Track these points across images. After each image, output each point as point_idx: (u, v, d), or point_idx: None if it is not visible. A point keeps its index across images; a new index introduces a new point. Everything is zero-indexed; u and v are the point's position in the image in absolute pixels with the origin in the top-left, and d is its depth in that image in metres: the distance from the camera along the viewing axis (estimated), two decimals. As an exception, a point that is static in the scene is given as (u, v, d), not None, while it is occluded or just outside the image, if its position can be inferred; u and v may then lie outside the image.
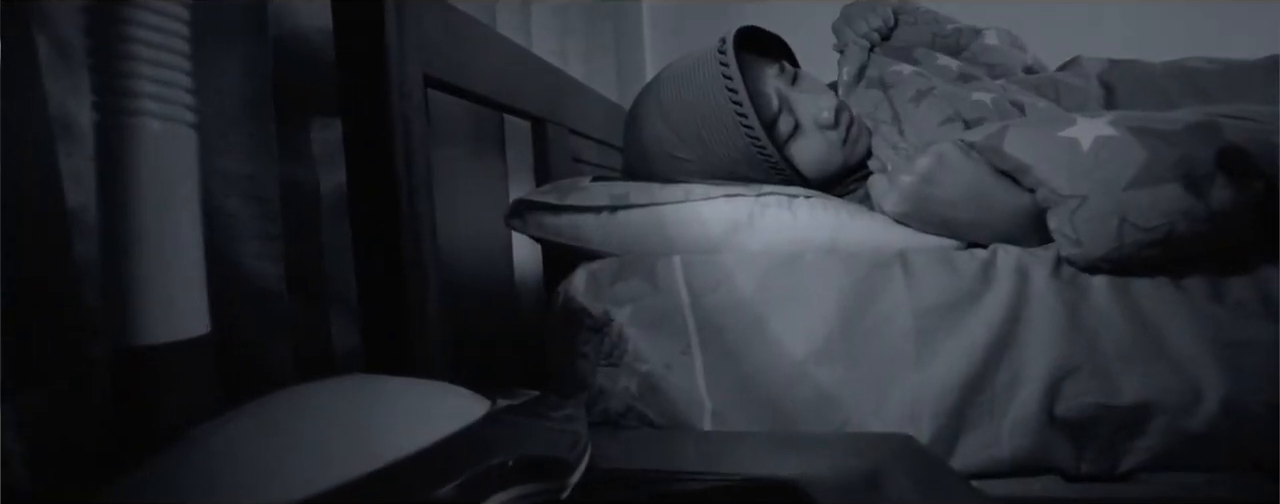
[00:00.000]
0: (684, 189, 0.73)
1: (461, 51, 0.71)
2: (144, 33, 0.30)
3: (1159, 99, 0.79)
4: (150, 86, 0.30)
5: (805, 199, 0.70)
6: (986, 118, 0.76)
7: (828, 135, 0.78)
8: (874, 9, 0.96)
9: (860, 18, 0.95)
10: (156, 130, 0.30)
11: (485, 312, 0.95)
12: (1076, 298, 0.59)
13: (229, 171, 0.52)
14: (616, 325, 0.64)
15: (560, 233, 0.75)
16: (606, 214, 0.73)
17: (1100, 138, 0.57)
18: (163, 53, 0.30)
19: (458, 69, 0.71)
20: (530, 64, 0.91)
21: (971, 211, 0.64)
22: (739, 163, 0.75)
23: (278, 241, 0.54)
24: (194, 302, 0.32)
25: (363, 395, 0.35)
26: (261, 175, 0.54)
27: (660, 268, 0.66)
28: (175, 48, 0.31)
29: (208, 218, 0.47)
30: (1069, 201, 0.57)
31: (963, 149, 0.63)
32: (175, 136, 0.31)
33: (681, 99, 0.75)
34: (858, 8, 0.96)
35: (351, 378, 0.38)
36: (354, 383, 0.37)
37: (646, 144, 0.79)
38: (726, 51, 0.73)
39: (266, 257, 0.54)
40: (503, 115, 1.00)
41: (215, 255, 0.48)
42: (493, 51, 0.80)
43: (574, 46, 1.46)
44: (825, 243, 0.67)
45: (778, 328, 0.61)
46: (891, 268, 0.62)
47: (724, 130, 0.73)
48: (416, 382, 0.37)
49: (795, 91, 0.79)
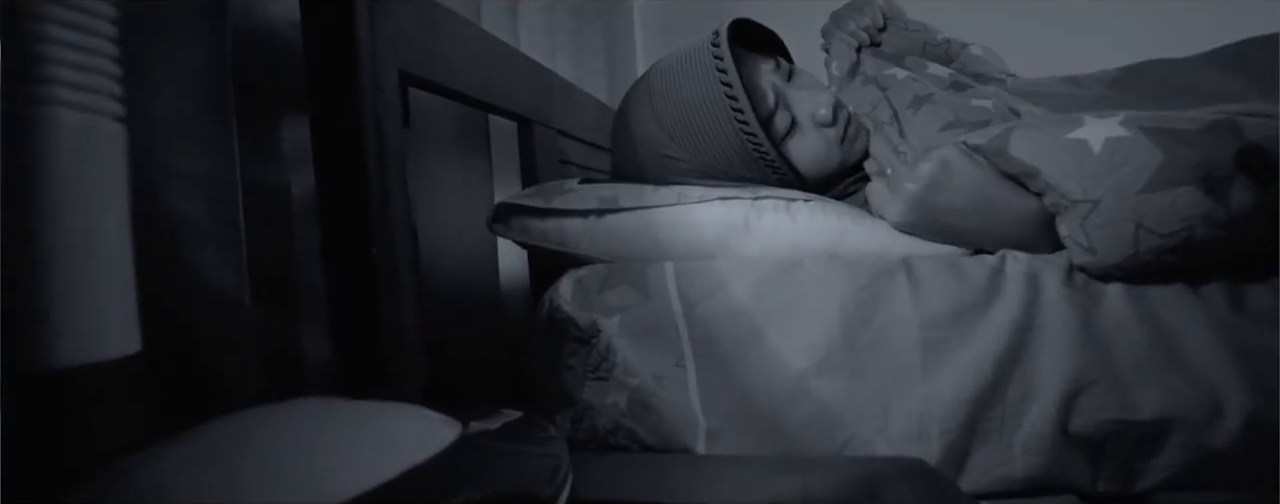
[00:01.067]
0: (676, 191, 0.69)
1: (441, 47, 0.68)
2: (60, 14, 0.26)
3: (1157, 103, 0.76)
4: (66, 73, 0.26)
5: (805, 202, 0.67)
6: (990, 122, 0.73)
7: (825, 133, 0.75)
8: (862, 10, 0.93)
9: (848, 18, 0.93)
10: (74, 123, 0.27)
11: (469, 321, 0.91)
12: (1090, 307, 0.56)
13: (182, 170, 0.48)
14: (604, 336, 0.60)
15: (546, 238, 0.71)
16: (594, 218, 0.69)
17: (1112, 139, 0.54)
18: (82, 36, 0.27)
19: (437, 65, 0.67)
20: (516, 62, 0.88)
21: (978, 218, 0.61)
22: (734, 161, 0.72)
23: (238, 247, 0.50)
24: (121, 317, 0.28)
25: (315, 422, 0.31)
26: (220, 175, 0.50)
27: (651, 275, 0.63)
28: (97, 31, 0.27)
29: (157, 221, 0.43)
30: (1080, 207, 0.54)
31: (966, 153, 0.60)
32: (98, 131, 0.28)
33: (673, 94, 0.72)
34: (846, 9, 0.94)
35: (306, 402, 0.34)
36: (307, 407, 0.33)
37: (636, 142, 0.76)
38: (720, 44, 0.70)
39: (225, 264, 0.50)
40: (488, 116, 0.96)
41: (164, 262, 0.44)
42: (475, 48, 0.76)
43: (563, 46, 1.42)
44: (826, 249, 0.64)
45: (776, 339, 0.58)
46: (896, 275, 0.59)
47: (718, 126, 0.70)
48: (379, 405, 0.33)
49: (792, 88, 0.76)
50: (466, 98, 0.75)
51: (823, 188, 0.77)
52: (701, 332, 0.60)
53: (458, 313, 0.90)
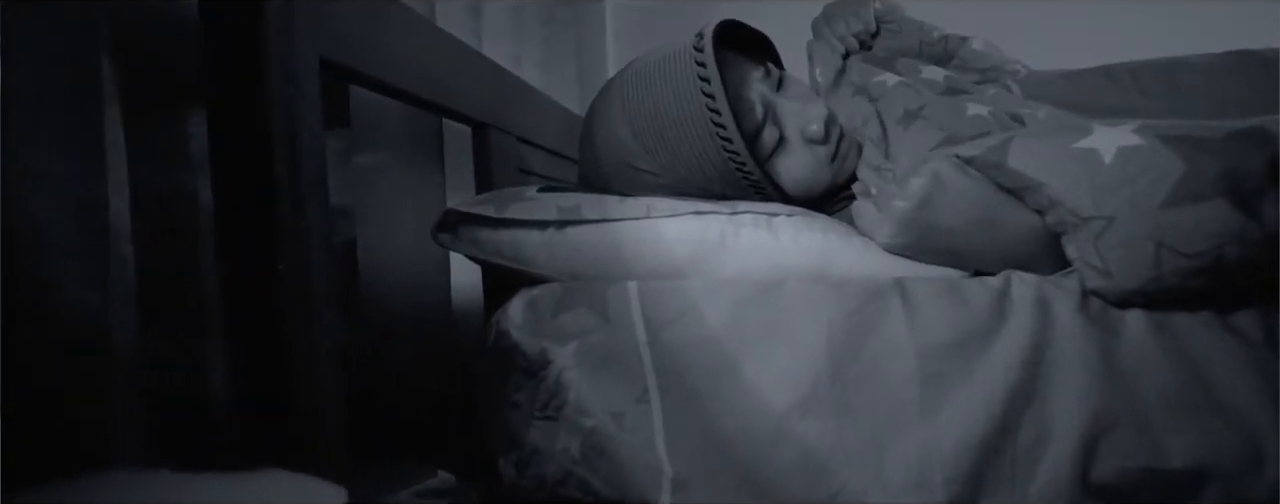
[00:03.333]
0: (646, 203, 0.62)
1: (380, 37, 0.60)
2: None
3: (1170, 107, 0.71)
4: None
5: (788, 217, 0.60)
6: (989, 134, 0.66)
7: (816, 150, 0.68)
8: (856, 12, 0.86)
9: (840, 18, 0.86)
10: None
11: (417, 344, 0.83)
12: (1108, 337, 0.49)
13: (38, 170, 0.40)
14: (555, 369, 0.52)
15: (498, 251, 0.64)
16: (553, 230, 0.62)
17: (1125, 148, 0.48)
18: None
19: (374, 57, 0.59)
20: (470, 61, 0.80)
21: (976, 238, 0.54)
22: (712, 179, 0.65)
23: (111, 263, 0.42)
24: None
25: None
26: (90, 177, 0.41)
27: (612, 296, 0.55)
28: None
29: None
30: (1092, 224, 0.48)
31: (959, 166, 0.54)
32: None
33: (648, 101, 0.64)
34: (841, 6, 0.87)
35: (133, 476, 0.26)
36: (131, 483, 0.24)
37: (603, 151, 0.68)
38: (704, 48, 0.63)
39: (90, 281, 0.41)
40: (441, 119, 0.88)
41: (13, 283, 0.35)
42: (422, 42, 0.69)
43: (531, 53, 1.35)
44: (810, 269, 0.57)
45: (754, 371, 0.50)
46: (888, 298, 0.52)
47: (697, 141, 0.62)
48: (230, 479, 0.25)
49: (781, 98, 0.68)
50: (410, 96, 0.68)
51: (808, 208, 0.70)
52: (668, 361, 0.52)
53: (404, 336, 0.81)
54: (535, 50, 1.34)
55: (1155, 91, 0.74)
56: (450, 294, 0.88)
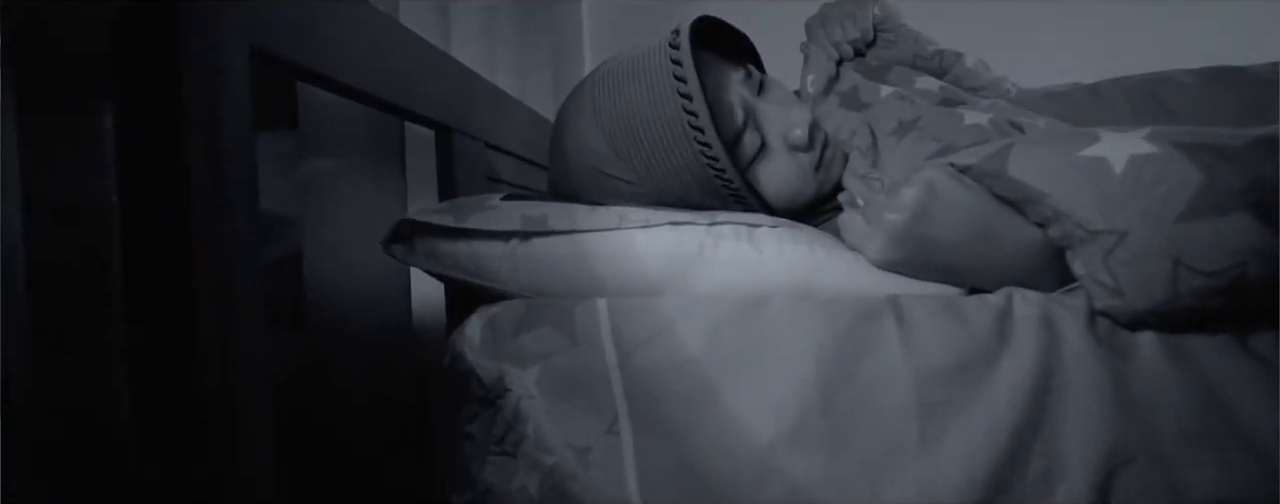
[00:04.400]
0: (618, 213, 0.57)
1: (326, 30, 0.55)
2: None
3: None
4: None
5: (770, 229, 0.56)
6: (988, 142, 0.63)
7: (799, 158, 0.64)
8: (854, 16, 0.82)
9: (837, 22, 0.82)
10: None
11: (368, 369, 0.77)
12: (1119, 362, 0.45)
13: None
14: (513, 397, 0.47)
15: (457, 265, 0.58)
16: (517, 242, 0.56)
17: (1138, 156, 0.44)
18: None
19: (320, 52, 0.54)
20: (433, 60, 0.75)
21: (973, 253, 0.50)
22: (691, 188, 0.60)
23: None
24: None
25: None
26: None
27: (579, 314, 0.50)
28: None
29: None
30: (1102, 239, 0.44)
31: (953, 175, 0.50)
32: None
33: (620, 103, 0.60)
34: (838, 9, 0.83)
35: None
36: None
37: (573, 157, 0.64)
38: (680, 45, 0.58)
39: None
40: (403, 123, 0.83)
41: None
42: (377, 36, 0.63)
43: (505, 57, 1.30)
44: (796, 285, 0.52)
45: (735, 399, 0.46)
46: (882, 319, 0.47)
47: (673, 146, 0.58)
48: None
49: (763, 103, 0.64)
50: (365, 95, 0.62)
51: (791, 219, 0.65)
52: (641, 387, 0.47)
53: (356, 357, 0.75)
54: (509, 54, 1.29)
55: (1144, 108, 0.72)
56: (411, 311, 0.82)
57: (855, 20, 0.82)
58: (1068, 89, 0.80)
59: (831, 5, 0.85)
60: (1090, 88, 0.78)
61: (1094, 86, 0.78)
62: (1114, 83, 0.77)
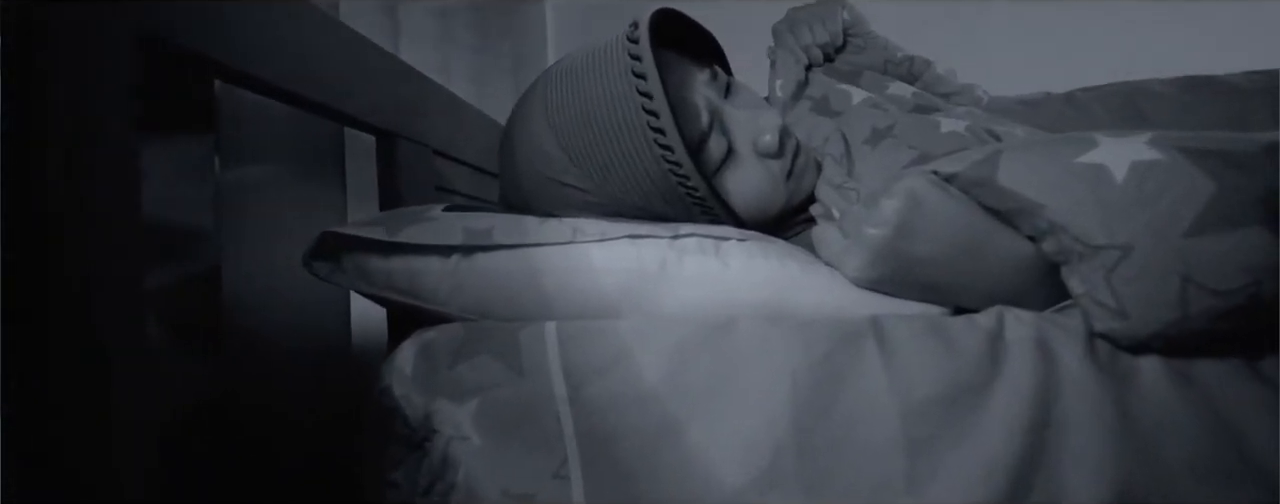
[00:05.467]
0: (571, 225, 0.52)
1: (237, 19, 0.48)
2: None
3: None
4: None
5: (739, 242, 0.51)
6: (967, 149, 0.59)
7: (769, 165, 0.59)
8: (823, 20, 0.78)
9: (806, 26, 0.78)
10: None
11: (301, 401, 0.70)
12: (1122, 389, 0.41)
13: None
14: (442, 439, 0.41)
15: (391, 284, 0.52)
16: (458, 258, 0.51)
17: (1140, 163, 0.40)
18: None
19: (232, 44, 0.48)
20: (374, 59, 0.69)
21: (960, 270, 0.46)
22: (652, 196, 0.55)
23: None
24: None
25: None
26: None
27: (525, 340, 0.44)
28: None
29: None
30: (1104, 255, 0.40)
31: (937, 184, 0.45)
32: None
33: (574, 104, 0.54)
34: (806, 13, 0.79)
35: None
36: None
37: (524, 164, 0.58)
38: (639, 39, 0.53)
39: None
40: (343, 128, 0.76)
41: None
42: (304, 31, 0.57)
43: (461, 64, 1.24)
44: (767, 304, 0.47)
45: (700, 437, 0.40)
46: (862, 342, 0.42)
47: (633, 151, 0.53)
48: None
49: (730, 106, 0.59)
50: (293, 95, 0.56)
51: (761, 231, 0.60)
52: (594, 424, 0.42)
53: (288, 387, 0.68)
54: (466, 60, 1.23)
55: (1122, 118, 0.69)
56: (350, 335, 0.75)
57: (824, 24, 0.78)
58: (1040, 98, 0.77)
59: (799, 9, 0.81)
60: (1065, 97, 0.75)
61: (1068, 96, 0.75)
62: (1088, 92, 0.75)
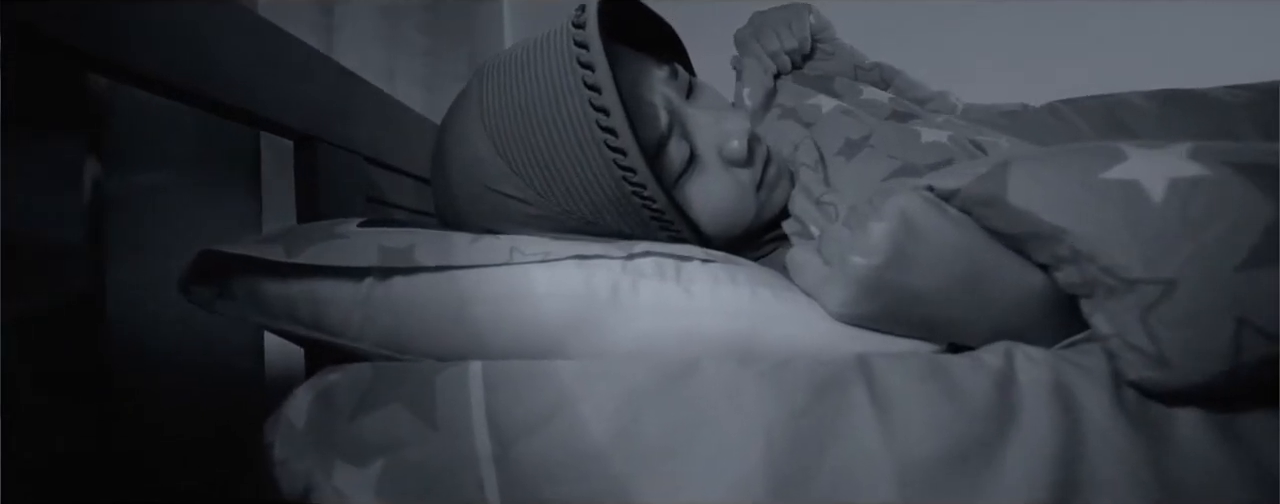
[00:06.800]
0: (508, 243, 0.44)
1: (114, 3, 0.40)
2: None
3: None
4: None
5: (702, 264, 0.43)
6: (953, 162, 0.53)
7: (737, 174, 0.52)
8: (790, 25, 0.73)
9: (772, 31, 0.73)
10: None
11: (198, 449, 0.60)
12: (1157, 446, 0.34)
13: None
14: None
15: (292, 313, 0.44)
16: (372, 282, 0.42)
17: (1181, 181, 0.34)
18: None
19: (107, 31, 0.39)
20: (288, 53, 0.61)
21: (960, 305, 0.39)
22: (603, 208, 0.47)
23: None
24: None
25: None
26: None
27: (442, 386, 0.36)
28: None
29: None
30: (1139, 291, 0.33)
31: (934, 204, 0.38)
32: None
33: (512, 101, 0.47)
34: (772, 18, 0.73)
35: None
36: None
37: (457, 172, 0.50)
38: (586, 25, 0.46)
39: None
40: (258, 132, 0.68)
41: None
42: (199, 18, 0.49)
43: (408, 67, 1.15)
44: (736, 340, 0.40)
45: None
46: (850, 390, 0.35)
47: (580, 155, 0.45)
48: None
49: (692, 108, 0.52)
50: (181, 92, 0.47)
51: (728, 250, 0.53)
52: (525, 491, 0.34)
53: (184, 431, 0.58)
54: (413, 65, 1.15)
55: (1104, 133, 0.65)
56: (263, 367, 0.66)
57: (792, 30, 0.73)
58: (1018, 108, 0.73)
59: (763, 14, 0.75)
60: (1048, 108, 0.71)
61: (1050, 107, 0.71)
62: (1067, 104, 0.71)
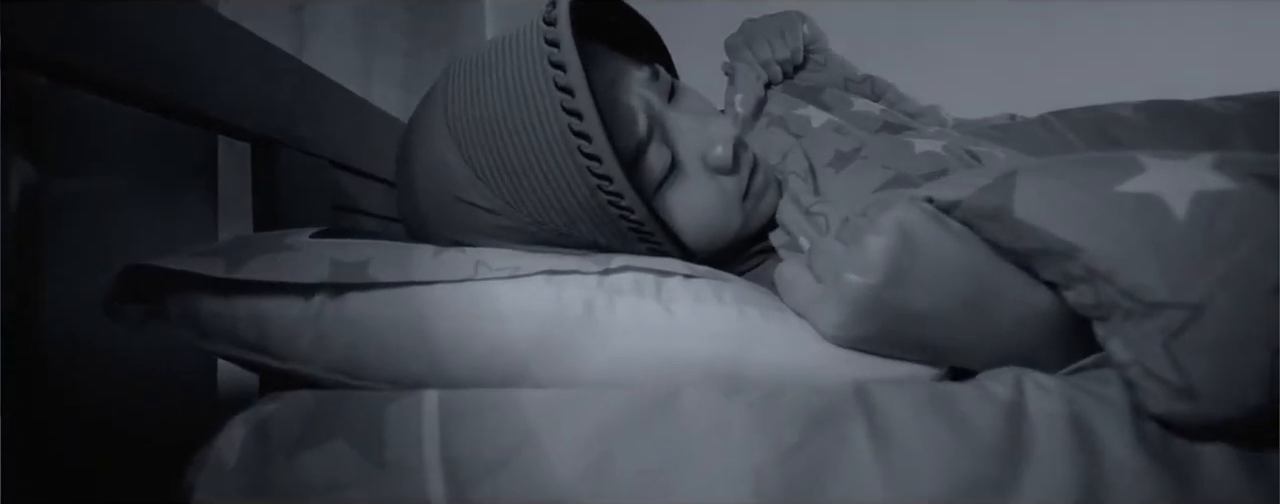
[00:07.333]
0: (473, 258, 0.40)
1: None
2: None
3: None
4: None
5: (685, 280, 0.40)
6: (948, 173, 0.50)
7: (722, 183, 0.49)
8: (783, 35, 0.71)
9: (763, 39, 0.70)
10: None
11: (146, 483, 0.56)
12: (1182, 488, 0.31)
13: None
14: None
15: (234, 335, 0.40)
16: (323, 300, 0.39)
17: (1206, 195, 0.31)
18: None
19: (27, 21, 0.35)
20: (244, 50, 0.57)
21: (962, 327, 0.36)
22: (577, 219, 0.44)
23: None
24: None
25: None
26: None
27: (393, 418, 0.33)
28: None
29: None
30: (1163, 315, 0.30)
31: (934, 217, 0.35)
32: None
33: (479, 103, 0.43)
34: (765, 26, 0.71)
35: None
36: None
37: (422, 180, 0.47)
38: (557, 21, 0.42)
39: None
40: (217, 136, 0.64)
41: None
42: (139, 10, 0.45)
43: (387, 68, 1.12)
44: (721, 365, 0.37)
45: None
46: (847, 425, 0.32)
47: (552, 161, 0.42)
48: None
49: (674, 112, 0.49)
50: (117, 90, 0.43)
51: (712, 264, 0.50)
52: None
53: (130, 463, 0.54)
54: (391, 65, 1.11)
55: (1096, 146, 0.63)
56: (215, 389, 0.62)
57: (785, 39, 0.70)
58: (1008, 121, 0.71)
59: (756, 22, 0.73)
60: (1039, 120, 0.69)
61: (1041, 120, 0.69)
62: (1058, 116, 0.68)
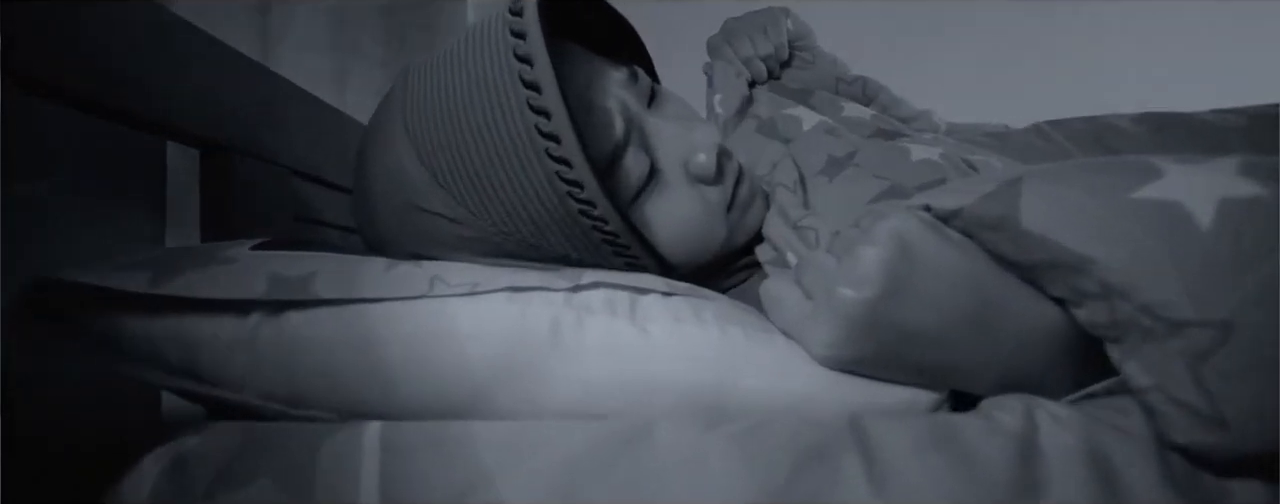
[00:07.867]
0: (429, 272, 0.36)
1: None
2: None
3: None
4: None
5: (663, 297, 0.36)
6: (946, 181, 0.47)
7: (705, 193, 0.45)
8: (766, 31, 0.68)
9: (744, 36, 0.67)
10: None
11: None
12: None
13: None
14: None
15: (157, 356, 0.36)
16: (260, 318, 0.35)
17: (1233, 202, 0.28)
18: None
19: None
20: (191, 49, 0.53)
21: (963, 348, 0.33)
22: (547, 229, 0.40)
23: None
24: None
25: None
26: None
27: (328, 456, 0.29)
28: None
29: None
30: (1188, 335, 0.27)
31: (932, 227, 0.32)
32: None
33: (439, 103, 0.40)
34: (745, 22, 0.68)
35: None
36: None
37: (379, 186, 0.43)
38: (524, 12, 0.39)
39: None
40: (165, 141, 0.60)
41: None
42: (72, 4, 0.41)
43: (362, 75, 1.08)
44: (702, 393, 0.33)
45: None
46: (841, 461, 0.28)
47: (518, 167, 0.38)
48: None
49: (654, 116, 0.46)
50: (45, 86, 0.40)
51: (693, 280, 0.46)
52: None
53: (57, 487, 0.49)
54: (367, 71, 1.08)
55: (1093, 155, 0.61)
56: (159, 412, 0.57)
57: (768, 35, 0.67)
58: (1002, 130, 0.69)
59: (738, 19, 0.70)
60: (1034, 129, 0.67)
61: (1036, 128, 0.67)
62: (1054, 126, 0.66)
